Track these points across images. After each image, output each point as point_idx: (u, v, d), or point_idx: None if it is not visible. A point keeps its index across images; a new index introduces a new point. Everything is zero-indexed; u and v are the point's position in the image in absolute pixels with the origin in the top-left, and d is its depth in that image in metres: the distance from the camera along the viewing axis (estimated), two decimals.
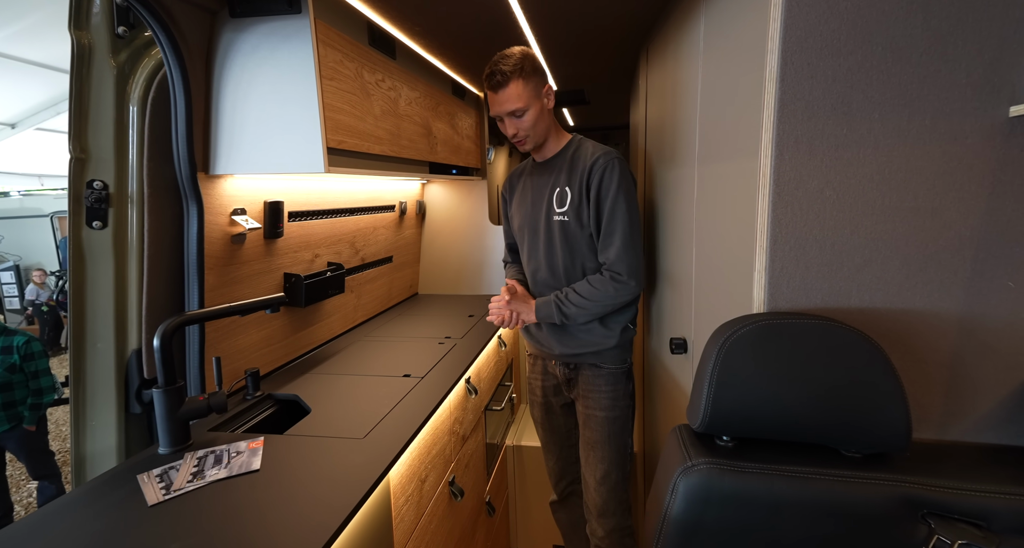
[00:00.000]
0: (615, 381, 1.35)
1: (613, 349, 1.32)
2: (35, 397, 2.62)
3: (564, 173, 1.28)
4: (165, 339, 0.94)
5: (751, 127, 0.74)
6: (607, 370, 1.34)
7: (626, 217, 1.21)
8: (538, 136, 1.27)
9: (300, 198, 1.48)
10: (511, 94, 1.18)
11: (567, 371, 1.40)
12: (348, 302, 1.84)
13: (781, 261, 0.71)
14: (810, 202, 0.69)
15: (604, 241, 1.24)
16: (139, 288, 1.06)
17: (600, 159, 1.22)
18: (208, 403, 1.00)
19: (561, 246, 1.29)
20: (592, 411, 1.36)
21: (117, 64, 0.98)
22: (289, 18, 1.02)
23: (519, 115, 1.21)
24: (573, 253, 1.29)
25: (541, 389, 1.51)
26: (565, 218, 1.27)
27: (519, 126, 1.24)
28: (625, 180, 1.22)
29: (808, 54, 0.66)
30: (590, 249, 1.28)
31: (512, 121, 1.23)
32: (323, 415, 1.14)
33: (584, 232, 1.26)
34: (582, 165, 1.25)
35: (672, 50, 1.29)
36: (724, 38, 0.87)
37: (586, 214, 1.24)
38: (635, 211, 1.23)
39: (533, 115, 1.22)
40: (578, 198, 1.25)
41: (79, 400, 1.06)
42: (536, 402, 1.55)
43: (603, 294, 1.23)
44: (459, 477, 1.38)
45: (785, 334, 0.65)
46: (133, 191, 1.04)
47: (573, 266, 1.30)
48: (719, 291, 0.91)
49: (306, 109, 1.05)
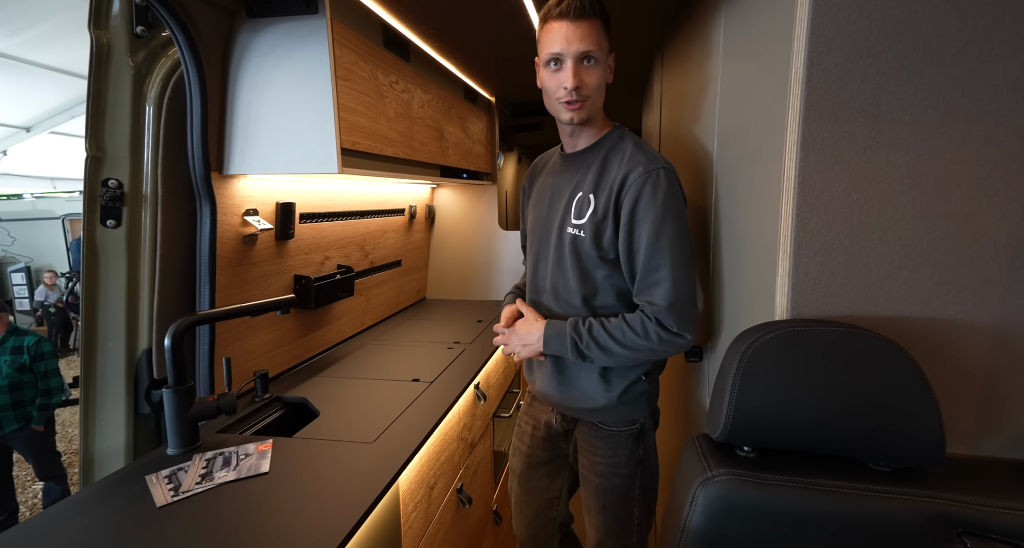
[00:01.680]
0: (617, 445, 1.05)
1: (614, 408, 1.03)
2: (44, 397, 2.63)
3: (592, 175, 0.98)
4: (176, 339, 0.94)
5: (775, 129, 0.72)
6: (606, 432, 1.05)
7: (676, 249, 0.90)
8: (595, 106, 0.96)
9: (311, 199, 1.47)
10: (591, 30, 0.89)
11: (562, 422, 1.13)
12: (357, 305, 1.83)
13: (806, 267, 0.69)
14: (836, 206, 0.67)
15: (645, 281, 0.93)
16: (151, 287, 1.06)
17: (639, 169, 0.92)
18: (217, 404, 0.99)
19: (572, 268, 1.00)
20: (586, 473, 1.09)
21: (135, 63, 0.98)
22: (306, 19, 1.02)
23: (590, 61, 0.91)
24: (586, 280, 1.00)
25: (530, 437, 1.20)
26: (580, 233, 0.97)
27: (586, 78, 0.91)
28: (672, 199, 0.91)
29: (836, 54, 0.64)
30: (608, 279, 0.99)
31: (580, 69, 0.91)
32: (332, 418, 1.12)
33: (601, 256, 0.97)
34: (615, 171, 0.95)
35: (690, 53, 1.28)
36: (746, 39, 0.86)
37: (608, 235, 0.95)
38: (686, 240, 0.93)
39: (603, 71, 0.93)
40: (603, 212, 0.95)
41: (89, 399, 1.06)
42: (520, 450, 1.22)
43: (642, 342, 0.91)
44: (467, 484, 1.36)
45: (810, 342, 0.63)
46: (147, 190, 1.04)
47: (584, 294, 1.01)
48: (739, 297, 0.89)
49: (321, 109, 1.05)
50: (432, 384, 1.34)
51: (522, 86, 2.23)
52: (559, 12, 0.90)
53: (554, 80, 0.93)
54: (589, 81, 0.92)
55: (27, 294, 6.85)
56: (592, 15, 0.89)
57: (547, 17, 0.92)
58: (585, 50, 0.89)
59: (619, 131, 1.02)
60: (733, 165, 0.92)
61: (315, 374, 1.42)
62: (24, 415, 2.59)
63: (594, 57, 0.90)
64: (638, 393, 1.03)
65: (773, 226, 0.73)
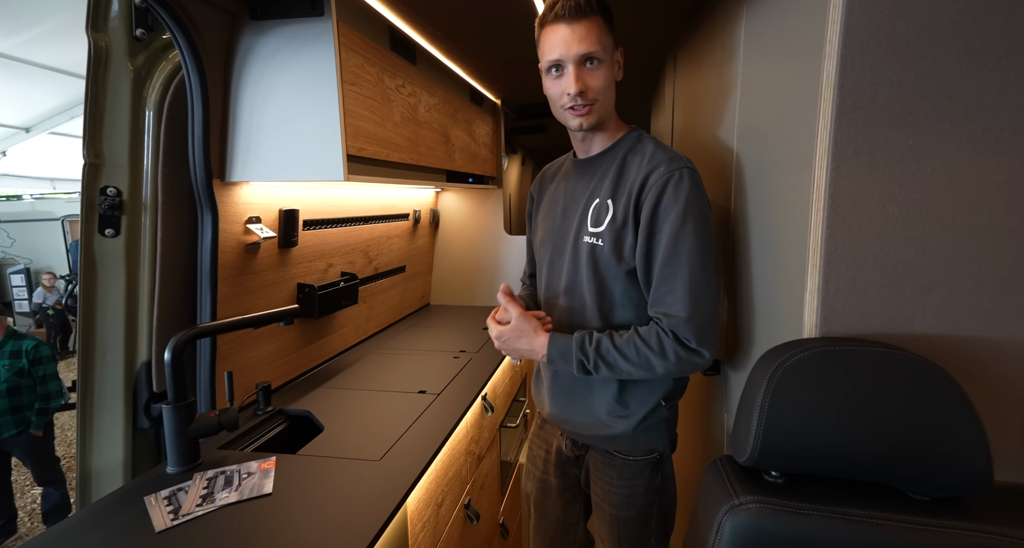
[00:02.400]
0: (633, 475, 0.97)
1: (630, 436, 0.95)
2: (43, 402, 2.60)
3: (610, 179, 0.91)
4: (176, 353, 0.90)
5: (804, 136, 0.69)
6: (622, 460, 0.98)
7: (695, 256, 0.83)
8: (604, 109, 0.89)
9: (315, 206, 1.44)
10: (590, 30, 0.82)
11: (573, 448, 1.06)
12: (360, 313, 1.79)
13: (836, 281, 0.66)
14: (870, 218, 0.64)
15: (661, 289, 0.85)
16: (150, 298, 1.03)
17: (660, 169, 0.85)
18: (219, 420, 0.96)
19: (589, 279, 0.92)
20: (600, 502, 1.02)
21: (134, 67, 0.95)
22: (311, 21, 0.99)
23: (593, 62, 0.84)
24: (603, 292, 0.92)
25: (543, 462, 1.13)
26: (598, 242, 0.90)
27: (590, 81, 0.85)
28: (696, 201, 0.84)
29: (871, 58, 0.61)
30: (627, 294, 0.91)
31: (582, 72, 0.84)
32: (337, 433, 1.09)
33: (621, 267, 0.89)
34: (634, 174, 0.88)
35: (706, 54, 1.24)
36: (770, 41, 0.82)
37: (629, 242, 0.88)
38: (709, 247, 0.85)
39: (608, 72, 0.86)
40: (622, 218, 0.88)
41: (86, 414, 1.02)
42: (533, 474, 1.15)
43: (657, 361, 0.83)
44: (475, 499, 1.32)
45: (843, 362, 0.60)
46: (147, 198, 1.00)
47: (602, 312, 0.93)
48: (762, 311, 0.85)
49: (326, 115, 1.01)
50: (439, 396, 1.31)
51: (528, 88, 2.20)
52: (554, 15, 0.84)
53: (557, 87, 0.87)
54: (594, 84, 0.85)
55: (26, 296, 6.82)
56: (590, 12, 0.83)
57: (543, 22, 0.87)
58: (586, 52, 0.83)
59: (637, 133, 0.95)
60: (756, 172, 0.89)
61: (319, 385, 1.39)
62: (23, 420, 2.57)
63: (597, 57, 0.84)
64: (657, 420, 0.95)
65: (801, 238, 0.70)
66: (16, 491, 3.24)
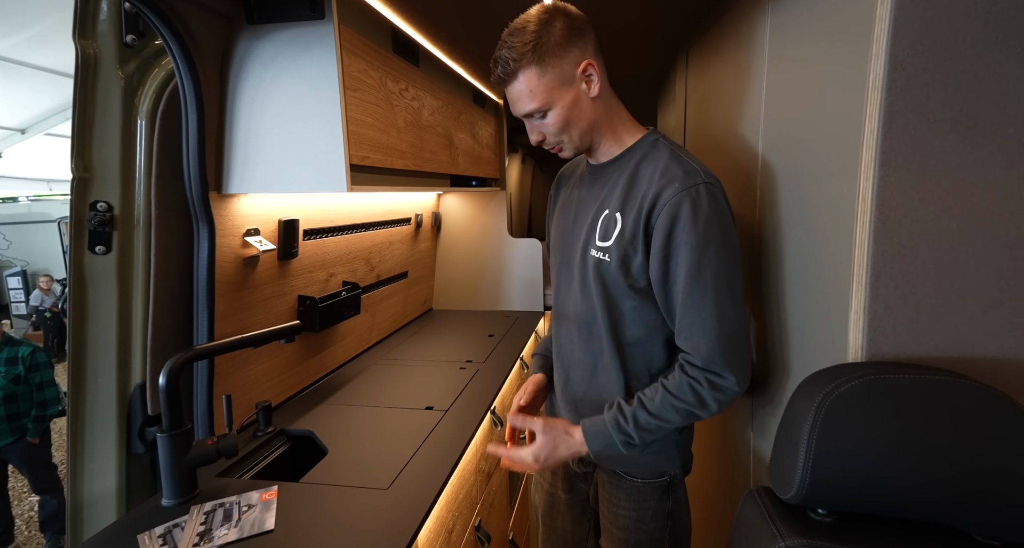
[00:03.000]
0: (641, 498, 0.92)
1: (637, 456, 0.90)
2: (39, 409, 2.56)
3: (620, 190, 0.85)
4: (172, 377, 0.85)
5: (846, 143, 0.64)
6: (630, 482, 0.93)
7: (722, 281, 0.77)
8: (579, 139, 0.86)
9: (315, 215, 1.39)
10: (520, 90, 0.81)
11: (580, 465, 1.03)
12: (363, 322, 1.74)
13: (884, 300, 0.61)
14: (922, 232, 0.58)
15: (687, 320, 0.79)
16: (144, 317, 0.97)
17: (675, 185, 0.78)
18: (217, 448, 0.90)
19: (597, 296, 0.87)
20: (608, 525, 0.98)
21: (125, 75, 0.89)
22: (311, 24, 0.94)
23: (540, 117, 0.84)
24: (612, 307, 0.87)
25: (551, 474, 1.09)
26: (605, 257, 0.85)
27: (544, 130, 0.85)
28: (716, 220, 0.77)
29: (924, 58, 0.56)
30: (637, 311, 0.86)
31: (533, 125, 0.86)
32: (341, 457, 1.04)
33: (629, 283, 0.84)
34: (645, 187, 0.82)
35: (723, 51, 1.19)
36: (803, 39, 0.77)
37: (638, 260, 0.82)
38: (734, 266, 0.79)
39: (562, 113, 0.82)
40: (631, 234, 0.82)
41: (77, 440, 0.97)
42: (541, 486, 1.11)
43: (696, 410, 0.79)
44: (485, 520, 1.27)
45: (899, 390, 0.55)
46: (140, 212, 0.95)
47: (612, 330, 0.88)
48: (796, 329, 0.80)
49: (328, 123, 0.96)
50: (447, 413, 1.26)
51: None
52: (492, 77, 0.85)
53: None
54: (548, 130, 0.85)
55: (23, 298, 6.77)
56: (518, 69, 0.80)
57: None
58: (525, 112, 0.84)
59: (652, 137, 0.88)
60: (788, 179, 0.83)
61: (321, 401, 1.34)
62: (19, 427, 2.53)
63: (538, 110, 0.83)
64: (668, 442, 0.91)
65: (843, 253, 0.65)
66: (13, 499, 3.20)
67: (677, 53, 1.76)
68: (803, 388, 0.62)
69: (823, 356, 0.70)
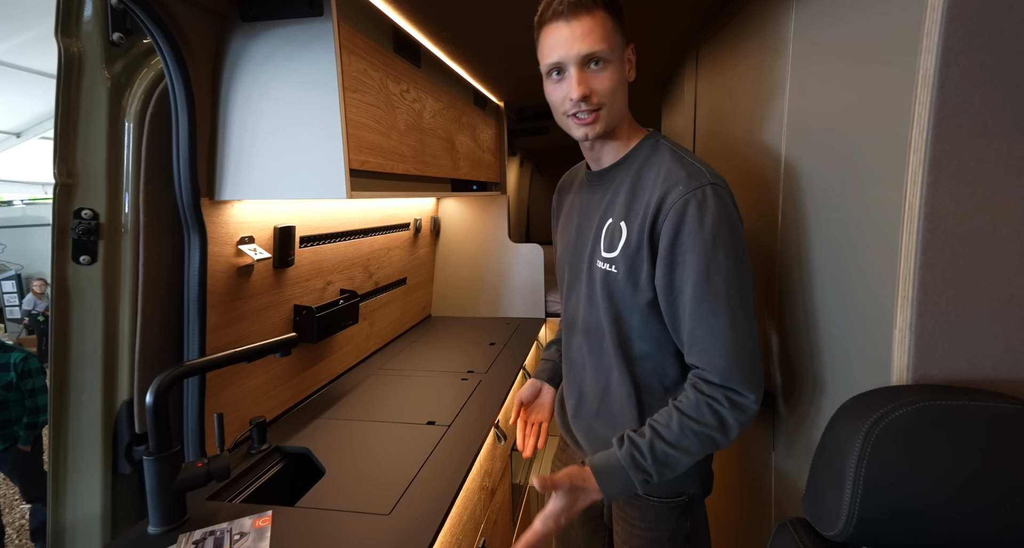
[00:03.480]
0: (658, 518, 0.88)
1: None
2: (31, 416, 2.51)
3: (623, 197, 0.81)
4: (160, 395, 0.80)
5: (888, 146, 0.60)
6: (645, 502, 0.89)
7: (733, 287, 0.72)
8: (613, 115, 0.78)
9: (312, 221, 1.34)
10: (594, 26, 0.72)
11: None
12: (361, 331, 1.69)
13: (933, 317, 0.56)
14: (977, 243, 0.54)
15: (697, 332, 0.74)
16: (132, 331, 0.92)
17: (679, 188, 0.73)
18: (208, 470, 0.85)
19: (605, 308, 0.83)
20: (623, 545, 0.94)
21: (111, 75, 0.84)
22: (309, 22, 0.89)
23: (598, 63, 0.73)
24: (620, 320, 0.83)
25: None
26: (612, 269, 0.81)
27: (595, 84, 0.74)
28: (725, 223, 0.72)
29: (980, 53, 0.51)
30: (643, 323, 0.81)
31: (585, 74, 0.74)
32: (340, 478, 0.99)
33: (638, 297, 0.79)
34: (648, 192, 0.77)
35: (739, 50, 1.15)
36: (836, 36, 0.73)
37: (646, 270, 0.77)
38: (744, 272, 0.75)
39: (617, 73, 0.75)
40: (636, 243, 0.77)
41: (59, 461, 0.92)
42: None
43: (717, 436, 0.73)
44: (489, 540, 1.22)
45: (956, 419, 0.50)
46: (127, 220, 0.90)
47: (619, 342, 0.84)
48: (830, 346, 0.75)
49: (327, 126, 0.91)
50: (450, 428, 1.21)
51: (533, 89, 2.11)
52: (552, 12, 0.73)
53: (558, 92, 0.77)
54: (600, 86, 0.74)
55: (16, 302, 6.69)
56: (592, 6, 0.72)
57: (541, 21, 0.77)
58: (588, 51, 0.72)
59: (653, 139, 0.83)
60: (817, 184, 0.79)
61: (318, 415, 1.28)
62: (10, 435, 2.49)
63: (602, 57, 0.73)
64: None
65: (887, 265, 0.60)
66: (4, 507, 3.15)
67: (685, 53, 1.72)
68: (845, 413, 0.57)
69: (863, 376, 0.66)
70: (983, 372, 0.56)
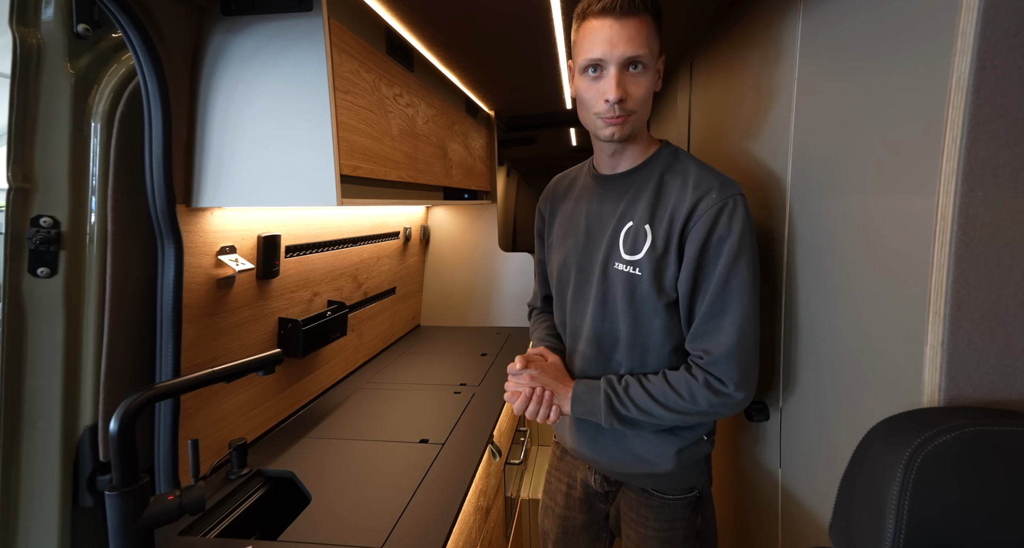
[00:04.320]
0: (672, 517, 0.90)
1: (670, 474, 0.88)
2: None
3: (646, 201, 0.82)
4: (126, 422, 0.72)
5: (916, 152, 0.57)
6: (660, 500, 0.91)
7: (746, 293, 0.76)
8: (640, 121, 0.81)
9: (299, 230, 1.27)
10: (640, 29, 0.74)
11: (604, 484, 0.98)
12: (349, 343, 1.61)
13: (967, 334, 0.53)
14: (1015, 255, 0.51)
15: (705, 326, 0.78)
16: (97, 349, 0.84)
17: (712, 195, 0.77)
18: (180, 503, 0.77)
19: (624, 311, 0.83)
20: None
21: (76, 70, 0.77)
22: (297, 17, 0.83)
23: (637, 67, 0.75)
24: (638, 324, 0.83)
25: (564, 498, 1.03)
26: (636, 271, 0.81)
27: (632, 89, 0.76)
28: (749, 233, 0.77)
29: (1018, 54, 0.49)
30: (664, 327, 0.83)
31: (624, 77, 0.75)
32: (327, 505, 0.91)
33: (662, 299, 0.81)
34: (676, 197, 0.80)
35: (738, 58, 1.13)
36: (852, 37, 0.70)
37: (671, 273, 0.80)
38: (758, 283, 0.79)
39: (652, 79, 0.78)
40: (663, 246, 0.79)
41: (9, 494, 0.82)
42: (553, 511, 1.05)
43: (687, 405, 0.78)
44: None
45: (1005, 447, 0.47)
46: (94, 228, 0.82)
47: (634, 343, 0.84)
48: (847, 360, 0.72)
49: (316, 128, 0.85)
50: (444, 447, 1.14)
51: (523, 100, 2.08)
52: (601, 7, 0.74)
53: (593, 90, 0.78)
54: (635, 92, 0.77)
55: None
56: (642, 10, 0.74)
57: (586, 13, 0.77)
58: (632, 55, 0.74)
59: (670, 148, 0.87)
60: (830, 193, 0.76)
61: (303, 435, 1.21)
62: None
63: (642, 63, 0.75)
64: (701, 456, 0.90)
65: (916, 279, 0.57)
66: None
67: (679, 64, 1.71)
68: (879, 437, 0.53)
69: (889, 396, 0.63)
70: (1020, 392, 0.53)
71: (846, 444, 0.68)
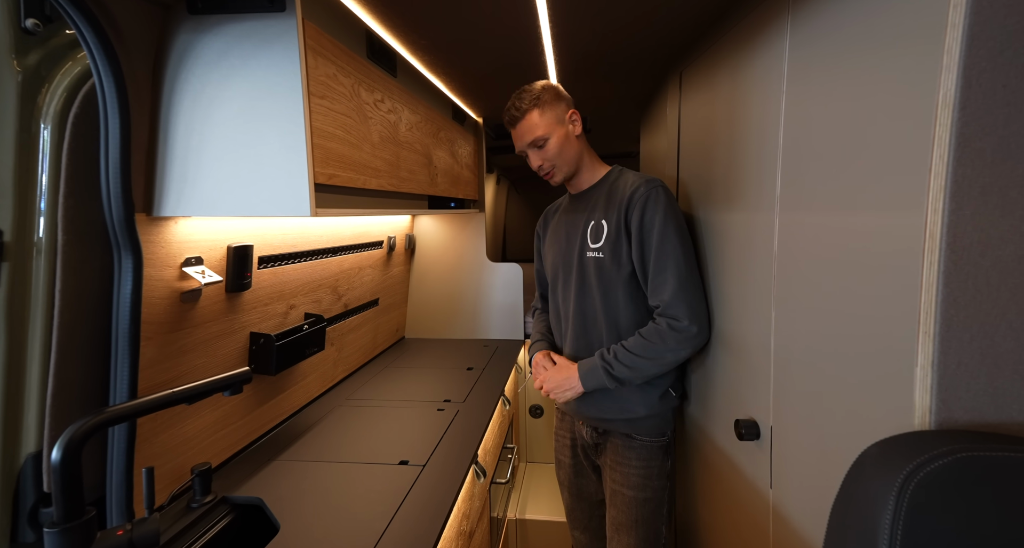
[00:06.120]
0: (649, 456, 1.17)
1: (646, 418, 1.15)
2: None
3: (601, 205, 1.16)
4: (70, 450, 0.65)
5: (904, 169, 0.55)
6: (640, 442, 1.17)
7: (679, 251, 1.06)
8: (567, 165, 1.17)
9: (273, 240, 1.21)
10: (529, 124, 1.12)
11: (594, 435, 1.24)
12: (328, 357, 1.55)
13: (957, 354, 0.52)
14: (1004, 274, 0.50)
15: (655, 281, 1.07)
16: (43, 370, 0.77)
17: (640, 188, 1.10)
18: (130, 538, 0.70)
19: (596, 286, 1.15)
20: (619, 487, 1.18)
21: (23, 68, 0.71)
22: (268, 17, 0.79)
23: (541, 145, 1.13)
24: (608, 296, 1.14)
25: (570, 449, 1.33)
26: (599, 254, 1.14)
27: (543, 157, 1.15)
28: (672, 210, 1.08)
29: (1004, 72, 0.48)
30: (627, 294, 1.12)
31: (535, 153, 1.15)
32: (297, 534, 0.85)
33: (621, 272, 1.11)
34: (620, 196, 1.12)
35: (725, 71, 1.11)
36: (841, 55, 0.68)
37: (625, 251, 1.10)
38: (688, 245, 1.09)
39: (557, 142, 1.13)
40: (615, 232, 1.11)
41: None
42: (564, 463, 1.35)
43: (660, 348, 1.05)
44: None
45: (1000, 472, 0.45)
46: (42, 238, 0.76)
47: (608, 312, 1.14)
48: (836, 380, 0.69)
49: (288, 134, 0.81)
50: (425, 468, 1.08)
51: None
52: (507, 123, 1.17)
53: (530, 163, 1.18)
54: (547, 155, 1.15)
55: None
56: (527, 111, 1.12)
57: (505, 127, 1.19)
58: (531, 140, 1.13)
59: (617, 169, 1.22)
60: (818, 209, 0.73)
61: (274, 457, 1.14)
62: None
63: (541, 139, 1.13)
64: (669, 406, 1.17)
65: (905, 297, 0.55)
66: None
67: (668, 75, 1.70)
68: (871, 461, 0.51)
69: (880, 417, 0.60)
70: (1011, 415, 0.51)
71: (837, 466, 0.65)
